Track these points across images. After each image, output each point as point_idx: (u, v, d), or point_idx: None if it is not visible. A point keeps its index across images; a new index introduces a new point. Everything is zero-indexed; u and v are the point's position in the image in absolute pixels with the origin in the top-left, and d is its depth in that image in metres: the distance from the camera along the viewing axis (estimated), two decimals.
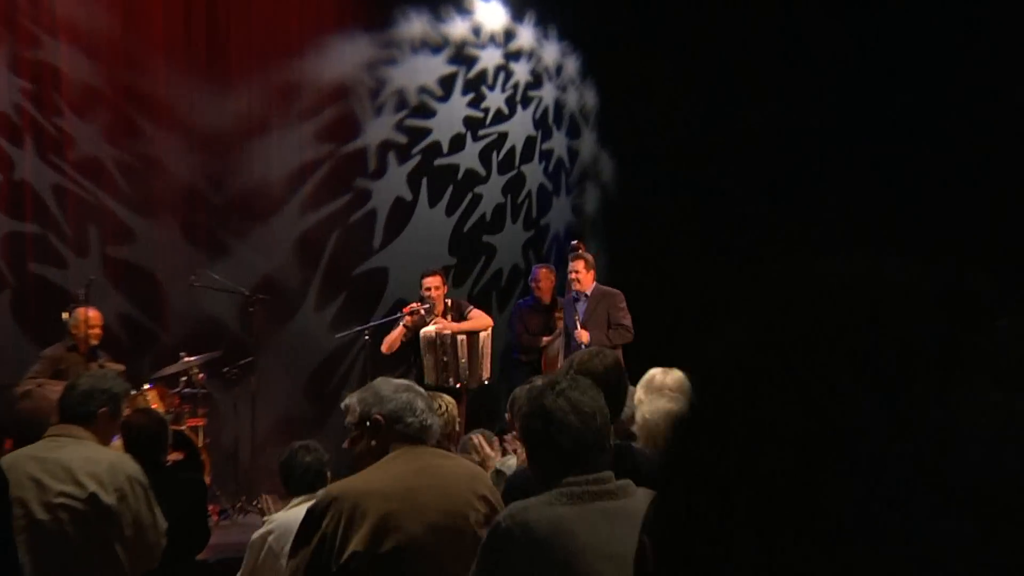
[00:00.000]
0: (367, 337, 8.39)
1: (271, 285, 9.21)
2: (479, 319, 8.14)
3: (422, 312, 7.99)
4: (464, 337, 7.96)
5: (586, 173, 11.01)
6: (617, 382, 3.30)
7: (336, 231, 9.73)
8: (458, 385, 7.90)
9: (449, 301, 8.35)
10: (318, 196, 9.66)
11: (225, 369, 8.35)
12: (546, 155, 10.81)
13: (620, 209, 10.77)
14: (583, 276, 8.03)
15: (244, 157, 9.32)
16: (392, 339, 8.10)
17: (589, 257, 8.17)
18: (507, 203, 10.59)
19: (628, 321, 7.97)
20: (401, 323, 8.09)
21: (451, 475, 2.93)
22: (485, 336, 8.10)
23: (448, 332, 7.90)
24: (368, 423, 2.98)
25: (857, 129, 9.49)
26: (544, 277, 8.92)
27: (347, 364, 9.68)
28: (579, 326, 7.86)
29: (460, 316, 8.07)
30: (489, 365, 8.11)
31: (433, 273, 8.18)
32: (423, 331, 7.96)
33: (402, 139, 10.04)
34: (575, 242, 8.40)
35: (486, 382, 8.13)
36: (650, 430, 3.70)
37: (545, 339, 8.52)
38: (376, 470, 2.89)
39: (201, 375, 8.02)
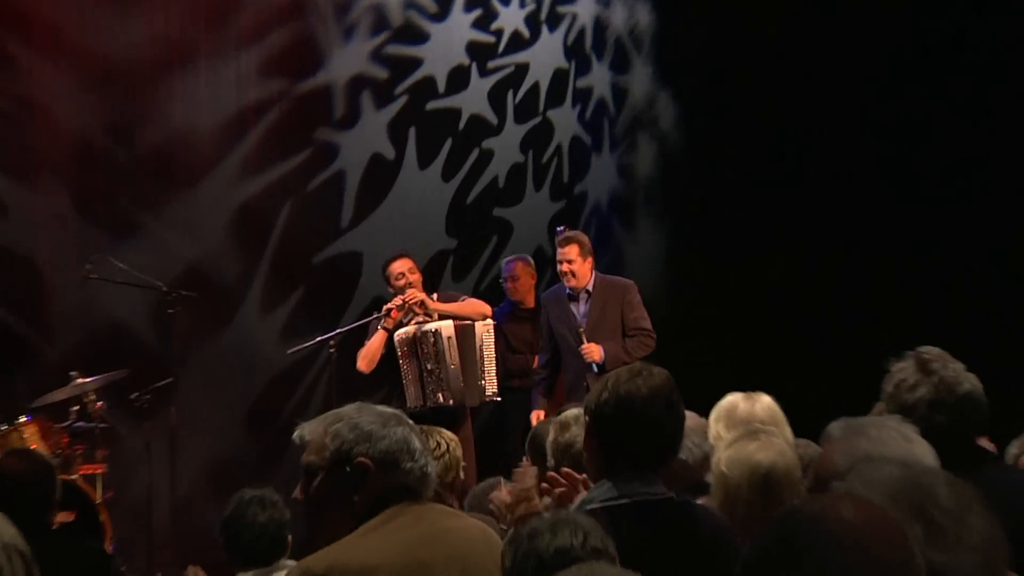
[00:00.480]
0: (332, 350, 8.38)
1: (199, 278, 9.23)
2: (473, 304, 8.19)
3: (417, 310, 8.02)
4: (453, 334, 7.96)
5: (638, 121, 11.07)
6: (669, 411, 3.31)
7: (289, 202, 9.76)
8: (450, 402, 7.93)
9: (436, 294, 8.41)
10: (264, 153, 9.69)
11: (134, 395, 8.30)
12: (582, 96, 10.88)
13: (685, 171, 10.81)
14: (579, 266, 8.04)
15: (160, 98, 9.32)
16: (372, 351, 8.11)
17: (584, 239, 8.22)
18: (528, 163, 10.68)
19: (648, 323, 8.03)
20: (380, 326, 8.07)
21: (465, 543, 2.94)
22: (484, 331, 8.09)
23: (432, 323, 7.94)
24: (348, 468, 2.95)
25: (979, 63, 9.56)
26: (523, 272, 8.96)
27: (305, 388, 9.72)
28: (584, 338, 7.86)
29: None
30: (496, 373, 8.15)
31: (400, 256, 8.29)
32: (397, 333, 8.01)
33: (381, 73, 10.07)
34: (562, 227, 8.51)
35: (492, 398, 8.15)
36: (730, 490, 3.72)
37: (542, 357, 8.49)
38: (374, 537, 2.86)
39: (100, 403, 7.99)
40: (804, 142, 10.25)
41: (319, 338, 8.51)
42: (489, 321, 8.14)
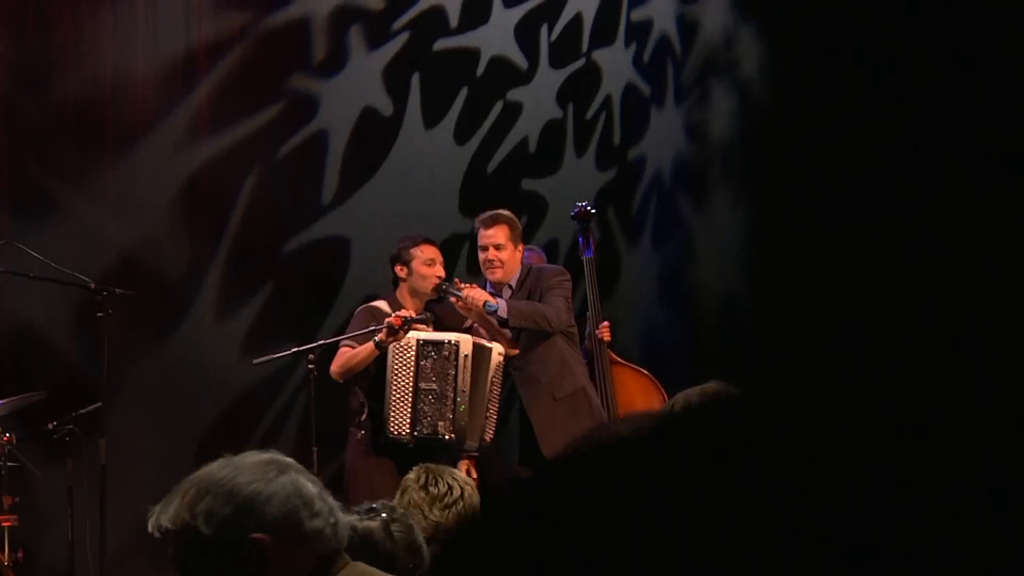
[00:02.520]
0: (312, 367, 8.35)
1: (135, 271, 9.28)
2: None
3: (427, 325, 8.15)
4: (470, 352, 8.10)
5: (712, 66, 11.02)
6: None
7: (254, 172, 9.83)
8: (447, 436, 8.02)
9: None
10: (220, 108, 9.76)
11: (52, 424, 8.24)
12: (638, 31, 10.89)
13: (773, 131, 10.78)
14: (508, 254, 8.50)
15: (83, 34, 9.39)
16: (354, 356, 8.14)
17: (516, 221, 8.64)
18: (567, 120, 10.73)
19: (559, 302, 8.44)
20: (374, 340, 8.11)
21: None
22: (498, 361, 8.32)
23: (447, 333, 8.13)
24: (238, 553, 2.93)
25: None
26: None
27: (275, 414, 9.78)
28: (457, 285, 8.38)
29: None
30: (497, 413, 8.33)
31: (426, 241, 8.42)
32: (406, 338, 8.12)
33: (374, 2, 10.18)
34: (583, 204, 8.98)
35: (487, 441, 8.30)
36: None
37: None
38: None
39: (6, 436, 7.99)
40: (934, 92, 10.14)
41: (293, 349, 8.48)
42: (503, 353, 8.35)
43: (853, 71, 10.35)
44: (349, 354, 8.16)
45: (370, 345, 8.08)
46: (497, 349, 8.29)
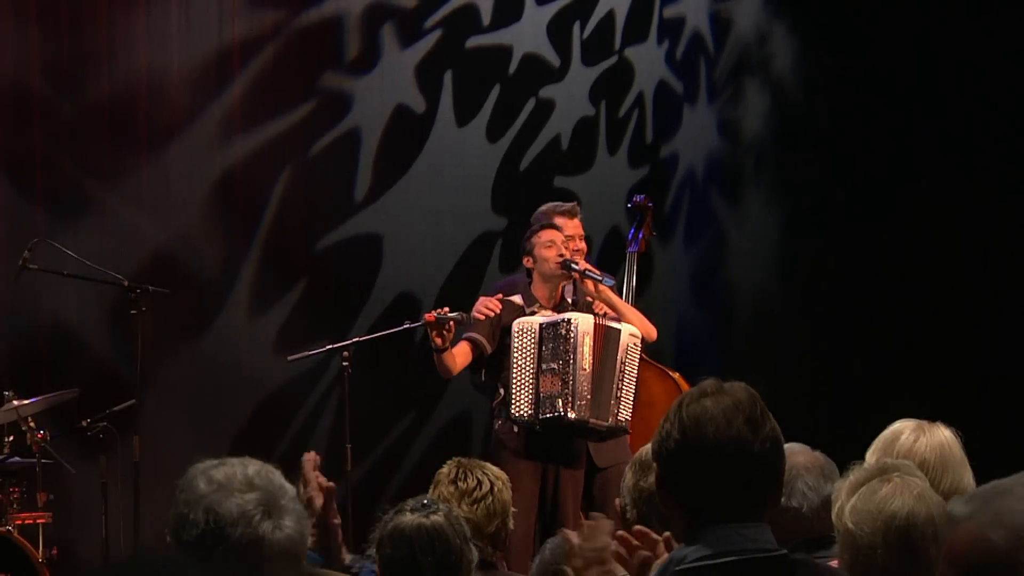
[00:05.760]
0: (346, 364, 8.33)
1: (168, 269, 9.25)
2: (642, 317, 8.49)
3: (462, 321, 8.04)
4: (591, 332, 8.10)
5: (746, 62, 11.02)
6: (755, 432, 3.27)
7: (287, 170, 9.81)
8: (569, 415, 7.97)
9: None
10: (253, 106, 9.74)
11: (86, 422, 8.26)
12: (671, 29, 10.86)
13: (808, 129, 10.75)
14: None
15: (118, 33, 9.36)
16: (452, 363, 8.13)
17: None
18: (600, 117, 10.68)
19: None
20: (432, 345, 8.07)
21: None
22: (631, 343, 8.29)
23: (568, 313, 8.14)
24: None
25: None
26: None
27: (308, 412, 9.75)
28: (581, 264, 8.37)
29: None
30: (632, 401, 8.22)
31: (544, 227, 8.34)
32: (518, 321, 8.10)
33: (407, 0, 10.14)
34: (641, 196, 9.00)
35: (621, 426, 8.22)
36: (860, 552, 3.67)
37: None
38: None
39: (41, 433, 8.00)
40: (973, 90, 10.10)
41: (328, 346, 8.45)
42: (639, 336, 8.31)
43: (885, 67, 10.31)
44: (447, 355, 8.10)
45: (464, 345, 8.13)
46: (628, 330, 8.24)
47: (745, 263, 10.25)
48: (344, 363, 8.30)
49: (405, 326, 8.29)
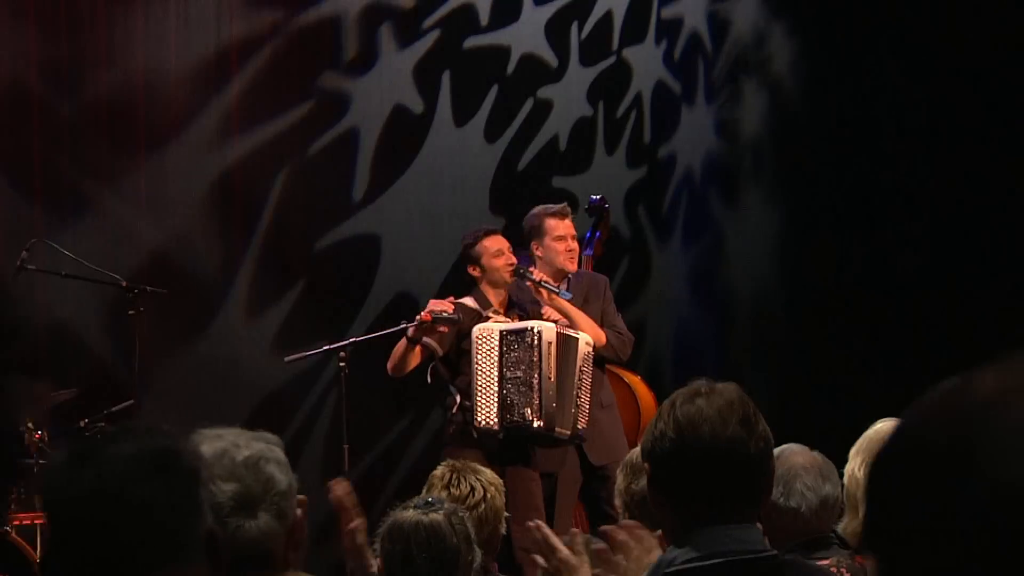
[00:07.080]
0: (343, 364, 8.31)
1: (166, 269, 9.26)
2: (591, 322, 8.30)
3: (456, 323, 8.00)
4: (554, 340, 8.01)
5: (743, 63, 11.08)
6: (748, 432, 3.25)
7: (285, 170, 9.82)
8: (536, 424, 7.93)
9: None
10: (251, 106, 9.77)
11: (84, 422, 8.25)
12: (669, 29, 10.89)
13: (806, 129, 10.80)
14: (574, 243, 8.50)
15: (115, 35, 9.39)
16: (395, 354, 8.06)
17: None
18: (598, 117, 10.72)
19: (624, 326, 8.53)
20: (408, 333, 8.03)
21: None
22: (586, 352, 8.18)
23: (530, 321, 8.05)
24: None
25: None
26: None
27: (305, 413, 9.77)
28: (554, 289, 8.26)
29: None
30: (587, 409, 8.16)
31: (487, 233, 8.30)
32: (479, 328, 8.02)
33: (405, 0, 10.16)
34: (598, 198, 9.06)
35: (579, 435, 8.17)
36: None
37: None
38: None
39: (38, 434, 7.96)
40: (970, 89, 10.13)
41: (325, 347, 8.44)
42: (591, 343, 8.22)
43: (884, 67, 10.33)
44: (393, 351, 8.10)
45: (403, 341, 8.02)
46: (584, 339, 8.17)
47: (743, 263, 10.27)
48: (342, 363, 8.26)
49: (403, 326, 8.28)
